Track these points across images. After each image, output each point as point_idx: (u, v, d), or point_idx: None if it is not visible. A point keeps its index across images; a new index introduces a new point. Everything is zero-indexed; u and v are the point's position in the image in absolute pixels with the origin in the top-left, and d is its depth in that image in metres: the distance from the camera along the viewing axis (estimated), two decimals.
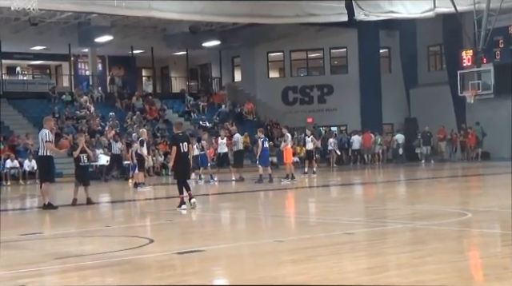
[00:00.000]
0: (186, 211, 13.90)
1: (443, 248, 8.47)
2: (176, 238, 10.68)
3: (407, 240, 9.66)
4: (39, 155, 15.96)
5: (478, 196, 17.49)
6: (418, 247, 8.70)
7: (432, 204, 14.51)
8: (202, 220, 13.34)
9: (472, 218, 11.65)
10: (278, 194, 19.85)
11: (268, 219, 13.39)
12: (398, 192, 20.42)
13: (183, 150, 14.07)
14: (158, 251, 8.99)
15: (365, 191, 21.38)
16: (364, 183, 24.95)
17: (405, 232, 10.43)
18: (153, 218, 13.89)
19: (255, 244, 9.53)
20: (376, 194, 19.57)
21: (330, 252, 8.38)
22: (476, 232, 10.35)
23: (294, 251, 8.62)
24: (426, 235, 9.80)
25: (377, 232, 10.56)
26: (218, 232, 11.35)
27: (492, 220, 11.70)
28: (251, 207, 16.38)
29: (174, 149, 14.11)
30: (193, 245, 9.23)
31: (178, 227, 11.91)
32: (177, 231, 11.47)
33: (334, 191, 21.62)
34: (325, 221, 12.14)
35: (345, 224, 11.30)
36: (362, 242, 9.63)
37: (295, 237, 10.09)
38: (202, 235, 10.92)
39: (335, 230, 10.42)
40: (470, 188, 20.53)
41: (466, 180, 23.93)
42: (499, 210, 12.56)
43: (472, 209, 12.98)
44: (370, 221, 12.04)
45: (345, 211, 14.17)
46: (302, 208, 15.91)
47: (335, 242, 9.22)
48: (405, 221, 11.67)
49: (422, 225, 10.85)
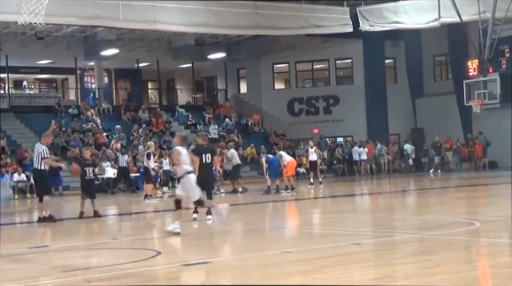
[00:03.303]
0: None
1: (451, 257, 8.44)
2: (183, 250, 10.66)
3: (415, 250, 9.62)
4: (35, 168, 15.98)
5: (485, 205, 17.42)
6: (427, 257, 8.66)
7: (440, 214, 14.47)
8: (209, 231, 13.31)
9: (480, 228, 11.60)
10: (285, 205, 19.81)
11: (275, 230, 13.36)
12: (406, 201, 20.36)
13: (205, 161, 14.12)
14: (166, 263, 8.98)
15: (372, 201, 21.32)
16: (372, 193, 24.88)
17: (413, 242, 10.39)
18: (160, 230, 13.89)
19: (262, 255, 9.50)
20: (383, 204, 19.51)
21: (337, 263, 8.36)
22: (484, 241, 10.31)
23: (301, 262, 8.59)
24: (434, 245, 9.76)
25: (384, 242, 10.52)
26: (225, 244, 11.33)
27: (500, 229, 11.65)
28: (258, 218, 16.34)
29: (195, 160, 13.89)
30: (200, 257, 9.22)
31: (186, 239, 11.89)
32: (184, 243, 11.45)
33: (341, 201, 21.56)
34: (332, 232, 12.11)
35: (352, 235, 11.27)
36: (369, 252, 9.60)
37: (303, 248, 10.06)
38: (210, 246, 10.90)
39: (342, 241, 10.40)
40: (478, 198, 20.45)
41: (474, 189, 23.84)
42: (507, 219, 12.50)
43: (480, 219, 12.93)
44: (378, 231, 12.00)
45: (352, 221, 14.13)
46: (309, 219, 15.87)
47: (343, 253, 9.19)
48: (413, 231, 11.63)
49: (430, 235, 10.80)
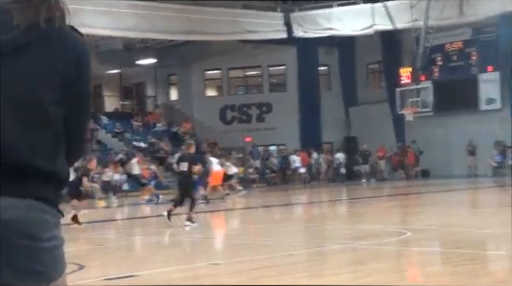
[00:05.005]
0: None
1: (383, 267, 8.55)
2: (107, 263, 10.47)
3: (347, 260, 9.71)
4: None
5: (417, 214, 17.77)
6: (358, 267, 8.76)
7: (372, 224, 14.67)
8: (135, 243, 13.14)
9: (411, 237, 11.80)
10: (214, 216, 19.74)
11: (204, 241, 13.28)
12: (338, 211, 20.59)
13: (181, 169, 15.14)
14: (88, 277, 8.78)
15: (305, 211, 21.46)
16: (304, 203, 25.07)
17: (345, 252, 10.50)
18: (83, 242, 13.61)
19: (190, 267, 9.42)
20: (316, 214, 19.67)
21: (269, 275, 8.35)
22: (415, 250, 10.49)
23: (230, 274, 8.55)
24: (366, 255, 9.88)
25: (317, 252, 10.59)
26: (151, 256, 11.18)
27: (431, 238, 11.88)
28: (183, 230, 16.21)
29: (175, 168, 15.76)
30: (125, 270, 9.06)
31: (110, 251, 11.69)
32: (109, 256, 11.25)
33: (273, 212, 21.63)
34: (263, 243, 12.11)
35: (284, 246, 11.29)
36: (301, 263, 9.63)
37: (232, 260, 10.02)
38: (136, 259, 10.75)
39: (274, 252, 10.40)
40: (410, 207, 20.86)
41: (406, 198, 24.32)
42: (438, 228, 12.78)
43: (411, 228, 13.16)
44: (310, 242, 12.07)
45: (284, 232, 14.17)
46: (241, 229, 15.85)
47: (275, 264, 9.19)
48: (345, 241, 11.74)
49: (362, 245, 10.93)
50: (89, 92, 2.12)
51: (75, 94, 2.02)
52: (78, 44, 2.06)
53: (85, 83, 2.06)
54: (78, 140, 2.09)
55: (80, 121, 2.08)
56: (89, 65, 2.07)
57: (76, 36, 2.08)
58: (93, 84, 45.37)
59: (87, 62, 2.07)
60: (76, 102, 2.03)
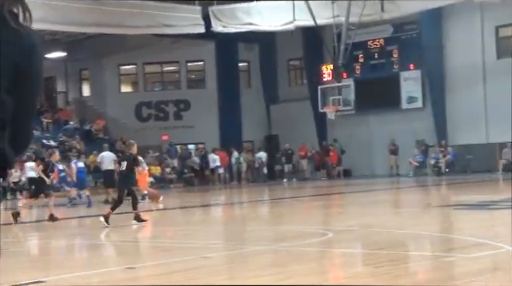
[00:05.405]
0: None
1: (304, 269, 8.65)
2: (16, 268, 10.20)
3: (268, 262, 9.78)
4: None
5: (338, 214, 18.09)
6: (279, 269, 8.84)
7: (293, 225, 14.83)
8: (45, 247, 12.87)
9: (333, 238, 12.00)
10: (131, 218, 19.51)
11: (118, 245, 13.12)
12: (259, 212, 20.72)
13: (121, 168, 15.95)
14: None
15: (224, 212, 21.50)
16: (224, 204, 25.11)
17: (265, 254, 10.57)
18: None
19: (103, 272, 9.30)
20: (236, 215, 19.74)
21: (186, 278, 8.32)
22: (337, 252, 10.67)
23: (146, 278, 8.48)
24: (287, 256, 9.98)
25: (236, 254, 10.62)
26: (62, 261, 10.98)
27: (352, 239, 12.12)
28: (100, 232, 15.98)
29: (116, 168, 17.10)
30: (32, 276, 8.86)
31: (17, 256, 11.40)
32: (17, 260, 10.97)
33: (191, 213, 21.58)
34: (180, 245, 12.06)
35: (200, 248, 11.28)
36: (220, 266, 9.65)
37: (147, 263, 9.95)
38: (45, 264, 10.53)
39: (190, 254, 10.38)
40: (331, 207, 21.20)
41: (327, 198, 24.69)
42: (359, 229, 13.04)
43: (333, 229, 13.38)
44: (229, 244, 12.10)
45: (202, 234, 14.17)
46: (156, 232, 15.75)
47: (191, 267, 9.17)
48: (265, 243, 11.83)
49: (283, 246, 11.04)
50: (39, 85, 2.16)
51: (25, 84, 2.07)
52: (32, 36, 2.12)
53: (36, 75, 2.11)
54: (23, 129, 2.12)
55: (27, 111, 2.12)
56: (41, 59, 2.14)
57: (30, 28, 2.13)
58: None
59: (40, 56, 2.13)
60: (25, 92, 2.07)
